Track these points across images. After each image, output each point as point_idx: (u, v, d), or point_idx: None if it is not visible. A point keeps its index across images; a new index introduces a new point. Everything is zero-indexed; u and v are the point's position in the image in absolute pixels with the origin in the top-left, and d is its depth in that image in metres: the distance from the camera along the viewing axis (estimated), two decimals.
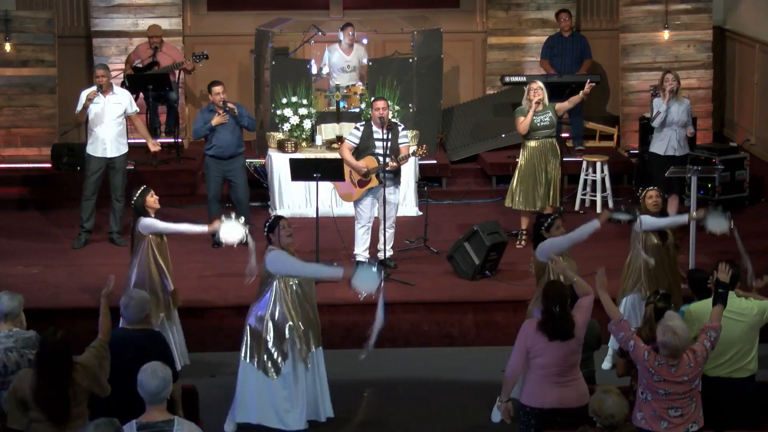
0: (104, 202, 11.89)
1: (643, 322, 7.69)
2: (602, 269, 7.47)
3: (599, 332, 8.28)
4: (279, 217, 8.65)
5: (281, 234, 8.48)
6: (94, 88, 11.57)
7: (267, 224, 8.58)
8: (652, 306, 7.67)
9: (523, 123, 11.46)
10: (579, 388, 7.31)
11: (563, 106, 11.65)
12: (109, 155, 11.70)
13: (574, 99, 11.69)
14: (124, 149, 11.81)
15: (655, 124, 11.62)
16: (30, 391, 6.63)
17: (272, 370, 8.46)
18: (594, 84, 11.72)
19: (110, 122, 11.63)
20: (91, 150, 11.74)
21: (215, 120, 11.46)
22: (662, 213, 9.37)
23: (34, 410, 6.63)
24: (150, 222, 9.39)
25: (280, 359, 8.46)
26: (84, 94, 11.61)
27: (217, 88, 11.48)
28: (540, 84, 11.58)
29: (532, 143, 11.51)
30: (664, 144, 11.56)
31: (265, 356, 8.47)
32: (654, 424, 6.80)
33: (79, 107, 11.64)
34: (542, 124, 11.45)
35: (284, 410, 8.51)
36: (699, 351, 6.85)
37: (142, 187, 9.56)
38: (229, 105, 11.48)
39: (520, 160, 11.59)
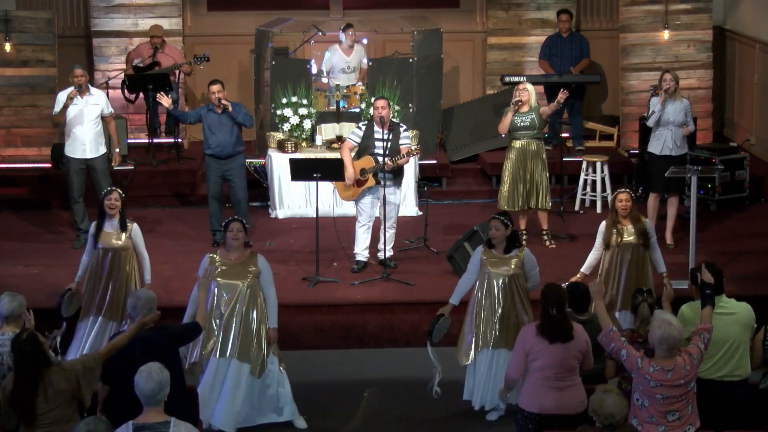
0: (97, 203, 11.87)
1: (639, 321, 7.68)
2: (598, 280, 7.49)
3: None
4: (233, 220, 8.68)
5: (227, 236, 8.59)
6: (73, 88, 11.54)
7: (224, 222, 8.71)
8: (645, 305, 7.68)
9: (502, 122, 11.49)
10: (577, 394, 7.30)
11: (544, 110, 11.66)
12: (88, 156, 11.66)
13: (552, 106, 11.69)
14: (103, 150, 11.76)
15: (650, 123, 11.63)
16: (9, 391, 6.69)
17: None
18: (568, 94, 11.73)
19: (88, 123, 11.60)
20: (69, 151, 11.70)
21: (164, 102, 11.61)
22: (632, 215, 9.47)
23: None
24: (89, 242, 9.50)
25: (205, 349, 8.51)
26: (63, 95, 11.59)
27: (214, 87, 11.55)
28: (527, 85, 11.57)
29: (517, 143, 11.52)
30: (660, 143, 11.56)
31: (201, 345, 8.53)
32: (651, 429, 6.79)
33: (58, 108, 11.61)
34: (522, 124, 11.44)
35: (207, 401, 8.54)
36: (694, 353, 6.85)
37: (108, 188, 9.68)
38: (223, 102, 11.50)
39: (506, 160, 11.61)
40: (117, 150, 11.95)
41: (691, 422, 6.86)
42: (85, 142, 11.63)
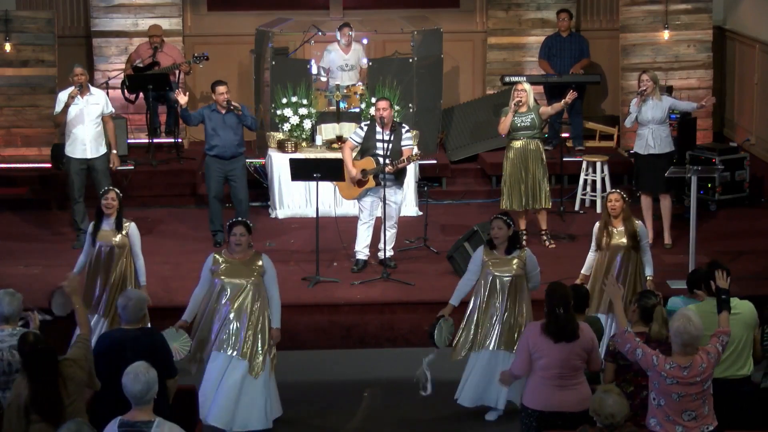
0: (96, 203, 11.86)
1: (659, 324, 7.54)
2: (613, 278, 7.50)
3: (602, 330, 8.33)
4: (236, 223, 8.64)
5: (231, 239, 8.59)
6: (74, 87, 11.52)
7: (228, 223, 8.70)
8: (660, 307, 7.64)
9: (502, 123, 11.49)
10: (581, 392, 7.28)
11: (546, 110, 11.66)
12: (88, 156, 11.62)
13: (556, 106, 11.70)
14: (104, 150, 11.70)
15: (627, 124, 11.82)
16: (27, 395, 6.61)
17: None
18: (576, 94, 11.75)
19: (89, 123, 11.56)
20: (69, 151, 11.67)
21: (181, 99, 11.48)
22: (626, 218, 9.38)
23: (33, 413, 6.62)
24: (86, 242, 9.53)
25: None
26: (64, 94, 11.56)
27: (221, 88, 11.48)
28: (525, 86, 11.57)
29: (516, 144, 11.52)
30: (642, 143, 11.65)
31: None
32: (669, 428, 6.78)
33: (59, 108, 11.59)
34: (523, 124, 11.44)
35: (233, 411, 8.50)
36: (712, 352, 6.85)
37: (105, 188, 9.67)
38: (234, 104, 11.49)
39: (505, 160, 11.61)
40: (114, 152, 11.79)
41: (709, 422, 6.85)
42: (86, 141, 11.60)
